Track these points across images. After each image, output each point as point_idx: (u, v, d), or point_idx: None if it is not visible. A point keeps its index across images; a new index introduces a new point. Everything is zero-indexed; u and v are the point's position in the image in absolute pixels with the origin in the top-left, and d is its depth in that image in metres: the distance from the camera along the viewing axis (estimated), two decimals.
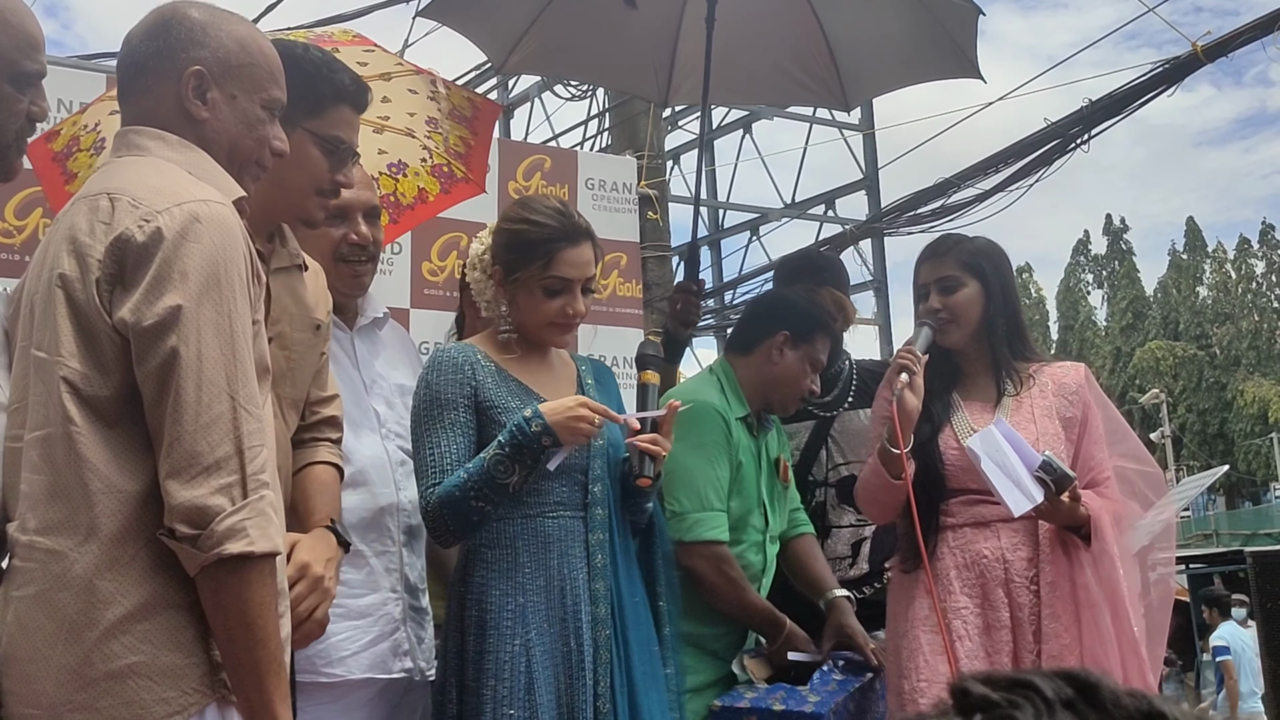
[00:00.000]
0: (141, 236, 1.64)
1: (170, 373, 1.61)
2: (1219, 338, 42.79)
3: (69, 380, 1.64)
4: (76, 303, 1.66)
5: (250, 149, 1.89)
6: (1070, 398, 2.90)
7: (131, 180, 1.73)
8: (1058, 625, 2.70)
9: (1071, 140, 5.69)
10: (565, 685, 2.34)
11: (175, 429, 1.60)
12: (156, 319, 1.62)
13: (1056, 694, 0.55)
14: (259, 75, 1.89)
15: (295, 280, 2.29)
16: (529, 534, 2.40)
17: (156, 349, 1.62)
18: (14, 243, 4.55)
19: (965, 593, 2.78)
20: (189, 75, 1.82)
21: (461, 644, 2.38)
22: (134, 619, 1.60)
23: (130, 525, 1.62)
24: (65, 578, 1.60)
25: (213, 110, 1.85)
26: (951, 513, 2.83)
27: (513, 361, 2.52)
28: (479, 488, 2.32)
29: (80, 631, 1.59)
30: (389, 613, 2.50)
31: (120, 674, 1.59)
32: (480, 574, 2.40)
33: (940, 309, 2.89)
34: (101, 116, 3.94)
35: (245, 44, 1.89)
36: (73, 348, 1.65)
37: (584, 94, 8.79)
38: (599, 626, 2.39)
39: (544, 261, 2.47)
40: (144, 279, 1.63)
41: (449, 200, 3.45)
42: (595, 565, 2.42)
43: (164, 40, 1.85)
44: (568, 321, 2.52)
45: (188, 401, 1.60)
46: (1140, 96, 5.44)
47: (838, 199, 11.38)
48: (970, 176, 6.19)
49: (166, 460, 1.60)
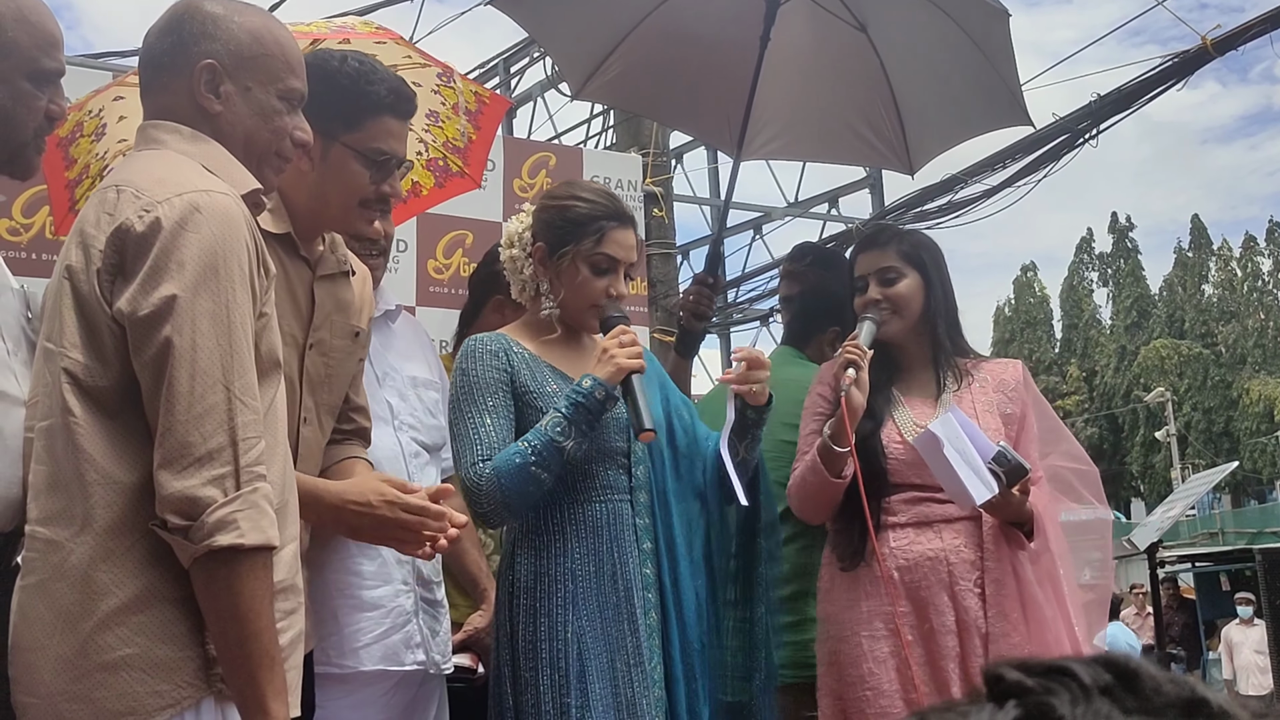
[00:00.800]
0: (141, 226, 1.64)
1: (164, 363, 1.61)
2: (1224, 336, 42.68)
3: (70, 371, 1.65)
4: (81, 294, 1.67)
5: (267, 140, 1.89)
6: (1010, 394, 2.87)
7: (139, 172, 1.74)
8: (1005, 625, 2.64)
9: (1079, 136, 5.66)
10: (623, 673, 2.31)
11: (168, 419, 1.59)
12: (152, 309, 1.61)
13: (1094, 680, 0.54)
14: (274, 66, 1.90)
15: (341, 287, 2.31)
16: (577, 519, 2.38)
17: (152, 339, 1.61)
18: (21, 240, 4.55)
19: (911, 596, 2.69)
20: (200, 69, 1.84)
21: (512, 634, 2.35)
22: (129, 611, 1.61)
23: (126, 517, 1.62)
24: (62, 568, 1.61)
25: (226, 103, 1.86)
26: (893, 511, 2.75)
27: (546, 346, 2.49)
28: (540, 452, 2.28)
29: (76, 622, 1.59)
30: (400, 605, 2.50)
31: (114, 665, 1.59)
32: (529, 562, 2.37)
33: (881, 300, 2.84)
34: (105, 103, 3.93)
35: (259, 35, 1.89)
36: (75, 339, 1.66)
37: None
38: (650, 612, 2.37)
39: (595, 238, 2.45)
40: (142, 269, 1.63)
41: (442, 194, 3.42)
42: (644, 550, 2.41)
43: (178, 35, 1.86)
44: (610, 303, 2.48)
45: (181, 392, 1.59)
46: (1148, 91, 5.41)
47: (841, 198, 11.38)
48: (977, 173, 6.16)
49: (159, 450, 1.60)
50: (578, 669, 2.28)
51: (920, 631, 2.67)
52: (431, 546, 2.09)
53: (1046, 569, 2.72)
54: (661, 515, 2.47)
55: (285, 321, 2.19)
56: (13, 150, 1.96)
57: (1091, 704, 0.53)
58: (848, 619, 2.72)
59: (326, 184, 2.19)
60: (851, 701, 2.68)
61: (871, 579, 2.70)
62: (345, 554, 2.47)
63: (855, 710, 2.66)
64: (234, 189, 1.76)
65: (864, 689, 2.66)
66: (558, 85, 9.54)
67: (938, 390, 2.86)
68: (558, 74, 9.11)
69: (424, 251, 5.19)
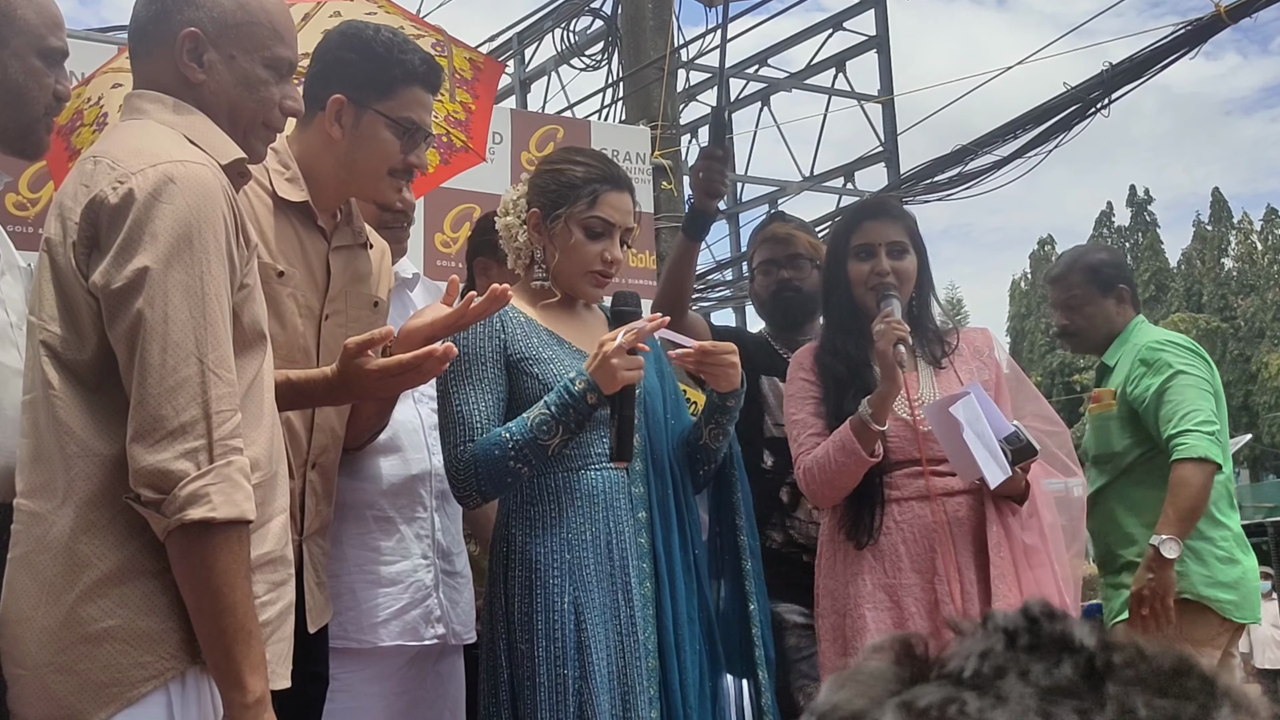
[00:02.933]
0: (115, 199, 1.62)
1: (136, 336, 1.59)
2: (1243, 310, 42.39)
3: (49, 344, 1.65)
4: (58, 266, 1.66)
5: (253, 110, 1.86)
6: (984, 361, 2.86)
7: (117, 143, 1.72)
8: (1003, 586, 2.63)
9: (1091, 105, 5.61)
10: (616, 643, 2.29)
11: (140, 392, 1.58)
12: (125, 281, 1.60)
13: (1007, 622, 0.57)
14: (260, 34, 1.85)
15: (358, 258, 2.31)
16: (572, 488, 2.35)
17: (124, 312, 1.60)
18: (28, 215, 4.56)
19: (915, 569, 2.68)
20: (183, 38, 1.81)
21: (507, 605, 2.32)
22: (111, 583, 1.60)
23: (106, 489, 1.61)
24: (45, 540, 1.61)
25: (209, 72, 1.82)
26: (896, 485, 2.73)
27: (543, 311, 2.46)
28: (520, 449, 2.27)
29: (59, 594, 1.59)
30: (420, 580, 2.49)
31: (97, 637, 1.59)
32: (523, 532, 2.34)
33: (888, 274, 2.79)
34: (104, 90, 3.92)
35: (244, 2, 1.85)
36: (54, 312, 1.65)
37: (598, 64, 8.74)
38: (645, 582, 2.36)
39: (588, 200, 2.41)
40: (115, 241, 1.62)
41: (449, 171, 3.41)
42: (639, 519, 2.39)
43: (162, 3, 1.83)
44: (605, 270, 2.44)
45: (153, 365, 1.58)
46: (1162, 60, 5.35)
47: (857, 171, 11.30)
48: (988, 143, 6.12)
49: (132, 424, 1.59)
50: (575, 640, 2.26)
51: (925, 604, 2.66)
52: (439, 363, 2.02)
53: (1039, 534, 2.73)
54: (657, 484, 2.44)
55: (301, 292, 2.18)
56: (24, 127, 1.97)
57: (988, 639, 0.57)
58: (851, 594, 2.70)
59: (357, 151, 2.19)
60: None
61: (875, 553, 2.69)
62: (363, 529, 2.46)
63: None
64: (216, 159, 1.74)
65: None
66: (570, 60, 9.51)
67: (917, 364, 2.84)
68: (570, 48, 9.08)
69: (431, 225, 5.18)
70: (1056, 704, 0.53)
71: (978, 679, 0.55)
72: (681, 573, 2.42)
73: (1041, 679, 0.55)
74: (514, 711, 2.28)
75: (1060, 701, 0.54)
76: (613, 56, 8.38)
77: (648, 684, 2.31)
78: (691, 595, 2.43)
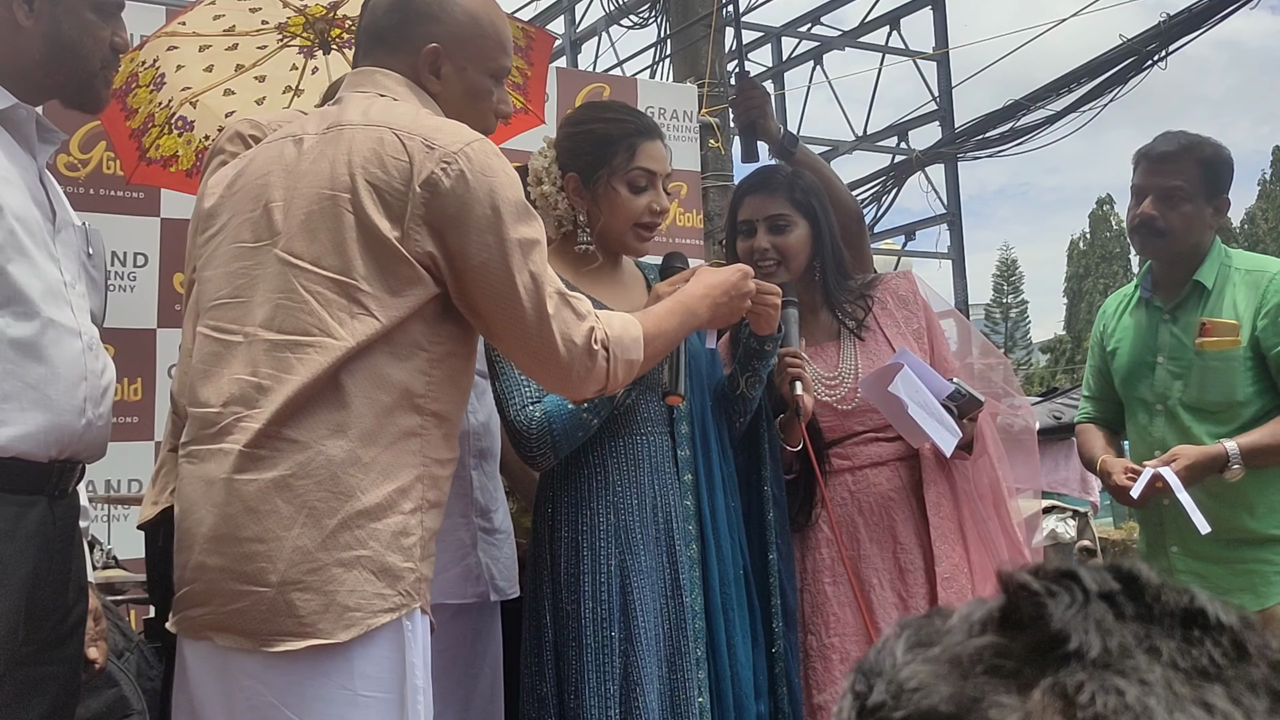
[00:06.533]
0: (448, 181, 1.74)
1: (514, 295, 1.78)
2: None
3: (352, 295, 1.74)
4: (370, 231, 1.74)
5: (475, 118, 1.95)
6: (912, 309, 2.78)
7: (411, 121, 1.81)
8: (945, 546, 2.60)
9: (1147, 58, 5.47)
10: (663, 605, 2.29)
11: (524, 341, 1.82)
12: (487, 254, 1.76)
13: (1099, 586, 0.54)
14: (489, 47, 1.98)
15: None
16: (619, 452, 2.34)
17: (496, 279, 1.77)
18: (79, 176, 4.61)
19: (874, 540, 2.63)
20: (427, 53, 1.92)
21: (553, 566, 2.31)
22: (369, 516, 1.71)
23: (377, 432, 1.73)
24: (309, 466, 1.70)
25: (445, 83, 1.95)
26: (847, 455, 2.67)
27: (587, 277, 2.42)
28: (593, 399, 2.23)
29: (320, 518, 1.68)
30: (459, 538, 2.48)
31: (350, 563, 1.69)
32: (570, 494, 2.33)
33: (769, 249, 2.70)
34: (160, 53, 3.96)
35: (477, 16, 1.96)
36: (363, 270, 1.74)
37: (646, 21, 8.68)
38: (690, 544, 2.35)
39: (627, 155, 2.38)
40: (464, 218, 1.75)
41: (509, 132, 3.45)
42: (684, 482, 2.38)
43: (404, 13, 1.95)
44: (653, 220, 2.41)
45: (531, 317, 1.79)
46: (1221, 9, 5.20)
47: (911, 130, 11.17)
48: (1040, 98, 5.99)
49: (536, 363, 1.87)
50: (620, 602, 2.25)
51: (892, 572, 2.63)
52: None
53: (988, 477, 2.68)
54: (702, 447, 2.43)
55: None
56: (82, 81, 2.01)
57: (1090, 608, 0.53)
58: (809, 568, 2.66)
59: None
60: (815, 650, 2.62)
61: (832, 525, 2.63)
62: None
63: (820, 658, 2.61)
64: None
65: (829, 635, 2.60)
66: (619, 20, 9.46)
67: (838, 332, 2.77)
68: (619, 7, 9.03)
69: None
70: (1205, 690, 0.49)
71: (1108, 657, 0.51)
72: (726, 533, 2.41)
73: (1179, 659, 0.50)
74: (557, 671, 2.28)
75: (1206, 688, 0.49)
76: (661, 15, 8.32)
77: (694, 645, 2.30)
78: (736, 555, 2.42)
